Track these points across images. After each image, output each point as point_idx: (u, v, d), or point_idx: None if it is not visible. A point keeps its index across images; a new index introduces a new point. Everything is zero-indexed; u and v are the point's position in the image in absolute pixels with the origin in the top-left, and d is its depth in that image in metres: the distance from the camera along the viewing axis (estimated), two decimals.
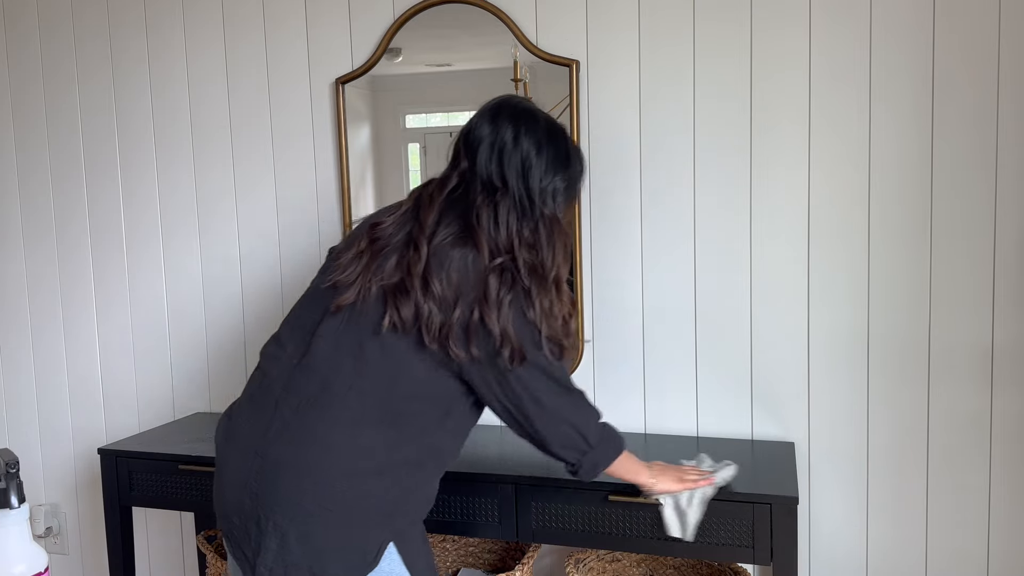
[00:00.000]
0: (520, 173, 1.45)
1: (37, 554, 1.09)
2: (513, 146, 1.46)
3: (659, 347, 2.11)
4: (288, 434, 1.41)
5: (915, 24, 1.89)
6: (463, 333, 1.39)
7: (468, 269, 1.40)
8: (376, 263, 1.43)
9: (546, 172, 1.47)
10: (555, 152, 1.49)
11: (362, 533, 1.39)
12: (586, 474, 1.55)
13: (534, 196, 1.46)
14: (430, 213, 1.44)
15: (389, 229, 1.47)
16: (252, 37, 2.35)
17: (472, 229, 1.42)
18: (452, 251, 1.41)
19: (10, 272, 2.68)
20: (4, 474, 1.08)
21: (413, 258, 1.40)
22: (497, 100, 1.54)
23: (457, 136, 1.54)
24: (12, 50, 2.60)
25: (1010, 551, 1.95)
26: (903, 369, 1.97)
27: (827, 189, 1.97)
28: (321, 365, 1.43)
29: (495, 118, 1.49)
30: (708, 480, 1.70)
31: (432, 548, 2.28)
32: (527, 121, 1.48)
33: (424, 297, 1.38)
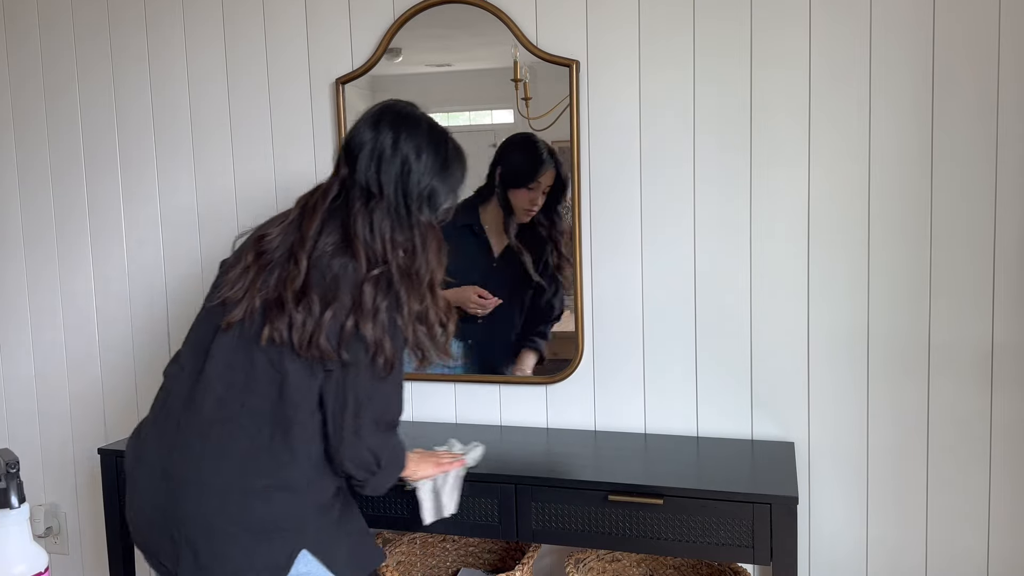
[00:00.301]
0: (398, 179, 1.46)
1: (37, 554, 1.09)
2: (392, 152, 1.46)
3: (659, 347, 2.11)
4: (190, 453, 1.44)
5: (915, 20, 1.89)
6: (336, 339, 1.40)
7: (345, 278, 1.42)
8: (262, 278, 1.45)
9: (424, 176, 1.48)
10: (435, 157, 1.49)
11: (270, 547, 1.42)
12: (370, 491, 1.55)
13: (411, 202, 1.47)
14: (312, 223, 1.46)
15: (275, 242, 1.49)
16: (252, 37, 2.35)
17: (351, 238, 1.44)
18: (332, 261, 1.43)
19: (10, 270, 2.67)
20: (4, 474, 1.08)
21: (292, 272, 1.42)
22: (380, 105, 1.54)
23: (341, 143, 1.55)
24: (12, 49, 2.59)
25: (1010, 550, 1.95)
26: (903, 368, 1.97)
27: (827, 188, 1.97)
28: (215, 383, 1.45)
29: (376, 124, 1.49)
30: (460, 462, 1.77)
31: (432, 548, 2.28)
32: (408, 126, 1.49)
33: (298, 308, 1.40)
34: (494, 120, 2.27)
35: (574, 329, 2.16)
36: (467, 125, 2.31)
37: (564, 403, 2.20)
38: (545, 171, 2.17)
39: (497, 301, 2.23)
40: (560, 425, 2.21)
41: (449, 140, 1.54)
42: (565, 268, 2.17)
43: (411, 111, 1.53)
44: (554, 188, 2.16)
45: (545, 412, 2.22)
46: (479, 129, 2.30)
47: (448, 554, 2.29)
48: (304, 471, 1.46)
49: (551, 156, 2.16)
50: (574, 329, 2.16)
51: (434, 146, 1.50)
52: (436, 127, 1.53)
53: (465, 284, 2.24)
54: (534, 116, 2.14)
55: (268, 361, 1.43)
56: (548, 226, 2.18)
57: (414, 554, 2.26)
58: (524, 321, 2.24)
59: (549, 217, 2.18)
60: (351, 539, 1.55)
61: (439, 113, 2.35)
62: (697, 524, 1.72)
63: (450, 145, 1.54)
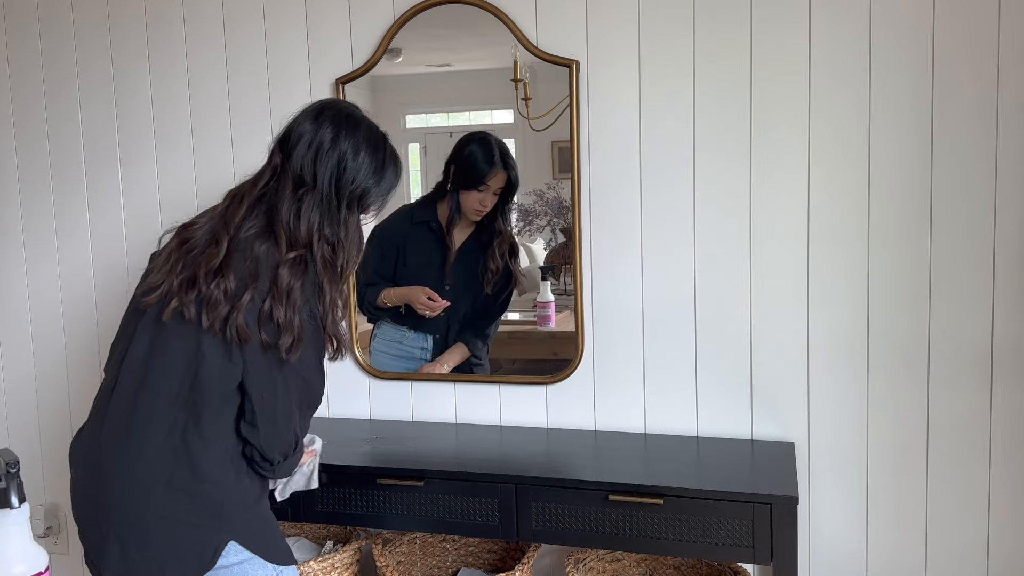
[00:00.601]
0: (333, 173, 1.49)
1: (37, 554, 1.09)
2: (331, 146, 1.50)
3: (659, 346, 2.11)
4: (115, 443, 1.45)
5: (914, 22, 1.89)
6: (253, 321, 1.41)
7: (264, 260, 1.44)
8: (182, 263, 1.46)
9: (359, 175, 1.51)
10: (372, 158, 1.53)
11: (196, 537, 1.43)
12: (281, 475, 1.59)
13: (342, 197, 1.50)
14: (239, 210, 1.48)
15: (200, 230, 1.50)
16: (252, 36, 2.35)
17: (274, 222, 1.46)
18: (253, 243, 1.45)
19: (10, 267, 2.67)
20: (5, 474, 1.08)
21: (211, 252, 1.44)
22: (321, 101, 1.58)
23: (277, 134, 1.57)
24: (12, 48, 2.59)
25: (1010, 549, 1.95)
26: (903, 368, 1.97)
27: (827, 188, 1.97)
28: (137, 371, 1.46)
29: (317, 117, 1.53)
30: (311, 453, 1.78)
31: (432, 548, 2.29)
32: (349, 125, 1.52)
33: (210, 286, 1.41)
34: (494, 120, 2.27)
35: (574, 329, 2.16)
36: (467, 125, 2.31)
37: (564, 403, 2.20)
38: (495, 174, 2.19)
39: (445, 304, 2.26)
40: (560, 425, 2.21)
41: (387, 144, 1.58)
42: (512, 269, 2.22)
43: (353, 111, 1.57)
44: (505, 190, 2.20)
45: (545, 412, 2.22)
46: (479, 129, 2.30)
47: (448, 554, 2.29)
48: (225, 460, 1.47)
49: (503, 159, 2.20)
50: (574, 329, 2.16)
51: (372, 148, 1.54)
52: (376, 130, 1.58)
53: (424, 278, 2.28)
54: (534, 116, 2.15)
55: (184, 346, 1.43)
56: (501, 226, 2.22)
57: (414, 554, 2.26)
58: (474, 316, 2.28)
59: (503, 217, 2.22)
60: (276, 529, 1.57)
61: (439, 113, 2.36)
62: (697, 524, 1.72)
63: (388, 149, 1.58)
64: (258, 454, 1.50)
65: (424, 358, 2.31)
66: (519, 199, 2.23)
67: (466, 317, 2.28)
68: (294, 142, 1.51)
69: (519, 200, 2.24)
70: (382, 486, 1.92)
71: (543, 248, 2.25)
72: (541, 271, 2.25)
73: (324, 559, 2.04)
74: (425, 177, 2.35)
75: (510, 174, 2.19)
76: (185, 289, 1.43)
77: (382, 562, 2.05)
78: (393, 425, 2.29)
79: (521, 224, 2.24)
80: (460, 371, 2.28)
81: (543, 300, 2.25)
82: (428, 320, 2.29)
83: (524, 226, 2.24)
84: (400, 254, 2.32)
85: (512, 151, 2.25)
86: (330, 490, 1.96)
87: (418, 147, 2.34)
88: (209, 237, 1.48)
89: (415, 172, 2.36)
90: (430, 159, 2.33)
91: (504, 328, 2.34)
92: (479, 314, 2.28)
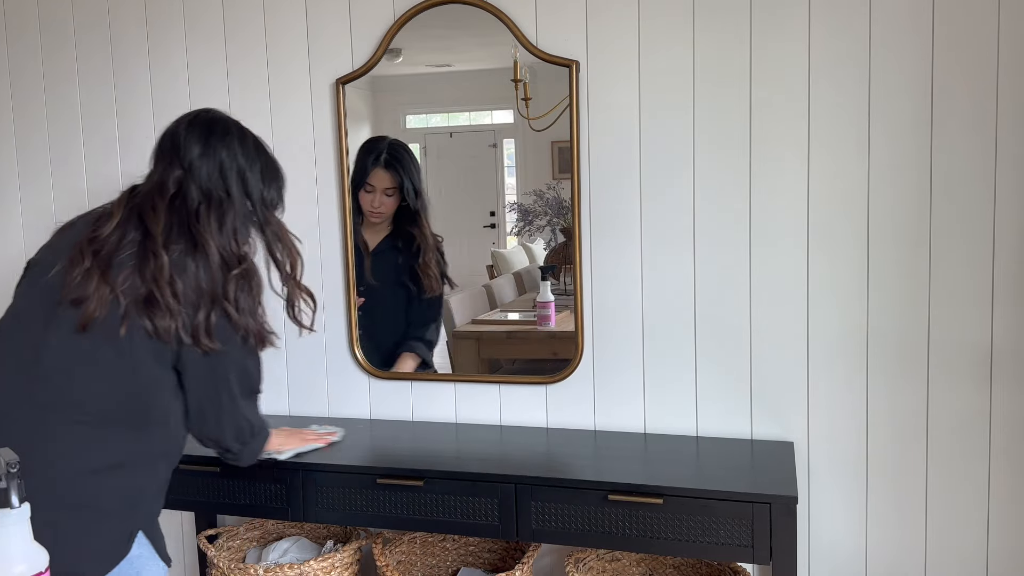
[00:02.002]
0: (240, 185, 1.59)
1: (38, 554, 1.09)
2: (229, 161, 1.58)
3: (659, 346, 2.12)
4: (34, 440, 1.47)
5: (914, 24, 1.88)
6: (207, 330, 1.51)
7: (206, 274, 1.52)
8: (111, 275, 1.49)
9: (260, 182, 1.62)
10: (265, 164, 1.64)
11: (112, 525, 1.50)
12: (246, 461, 1.75)
13: (255, 204, 1.61)
14: (157, 222, 1.52)
15: (113, 240, 1.52)
16: (252, 37, 2.35)
17: (202, 236, 1.53)
18: (187, 259, 1.51)
19: (10, 262, 2.67)
20: (4, 474, 1.08)
21: (155, 269, 1.49)
22: (203, 116, 1.63)
23: (158, 141, 1.63)
24: (11, 43, 2.59)
25: (1009, 549, 1.95)
26: (902, 369, 1.97)
27: (827, 188, 1.97)
28: (56, 375, 1.49)
29: (208, 136, 1.59)
30: (326, 440, 2.06)
31: (432, 548, 2.29)
32: (236, 137, 1.62)
33: (173, 303, 1.48)
34: (494, 120, 2.27)
35: (574, 329, 2.16)
36: (467, 125, 2.32)
37: (564, 403, 2.20)
38: (376, 174, 2.23)
39: (360, 300, 2.32)
40: (560, 425, 2.21)
41: (267, 149, 1.68)
42: (430, 273, 2.26)
43: (230, 120, 1.65)
44: (404, 191, 2.24)
45: (545, 412, 2.22)
46: (479, 129, 2.30)
47: (448, 554, 2.30)
48: (143, 453, 1.55)
49: (389, 159, 2.23)
50: (574, 329, 2.16)
51: (261, 154, 1.65)
52: (257, 138, 1.67)
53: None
54: (534, 116, 2.15)
55: (116, 353, 1.48)
56: (414, 229, 2.28)
57: (414, 554, 2.27)
58: (407, 324, 2.32)
59: (413, 220, 2.27)
60: (159, 524, 1.66)
61: (439, 113, 2.36)
62: (697, 524, 1.73)
63: (269, 154, 1.68)
64: (214, 445, 1.68)
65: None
66: (519, 199, 2.24)
67: (397, 321, 2.32)
68: (185, 154, 1.56)
69: (519, 200, 2.24)
70: (382, 486, 1.92)
71: (543, 248, 2.25)
72: (541, 271, 2.25)
73: (324, 559, 2.04)
74: (425, 177, 2.35)
75: (394, 174, 2.24)
76: (150, 309, 1.48)
77: (382, 562, 2.05)
78: (393, 425, 2.29)
79: (521, 224, 2.25)
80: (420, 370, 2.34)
81: (543, 300, 2.25)
82: (368, 328, 2.33)
83: (524, 226, 2.25)
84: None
85: (512, 151, 2.26)
86: (330, 490, 1.96)
87: (418, 147, 2.34)
88: (139, 250, 1.50)
89: None
90: (430, 159, 2.34)
91: (504, 328, 2.34)
92: (414, 320, 2.32)
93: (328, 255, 2.34)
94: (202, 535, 2.21)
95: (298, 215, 2.37)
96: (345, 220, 2.30)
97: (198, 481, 2.04)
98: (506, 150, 2.29)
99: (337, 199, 2.31)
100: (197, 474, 2.03)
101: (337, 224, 2.32)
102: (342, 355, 2.36)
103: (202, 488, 2.05)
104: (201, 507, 2.07)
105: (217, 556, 2.13)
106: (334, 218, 2.32)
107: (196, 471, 2.02)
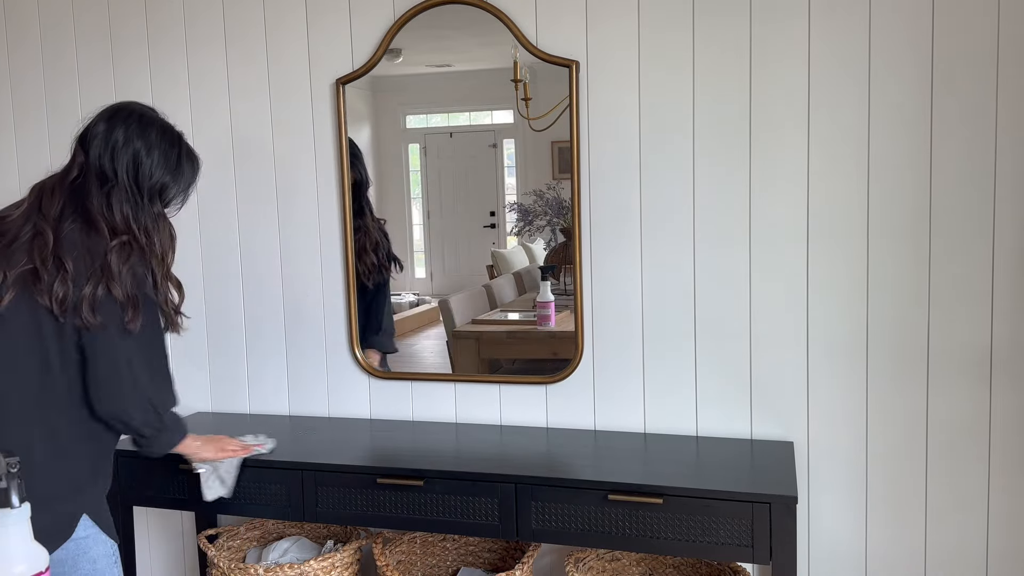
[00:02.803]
0: (130, 169, 1.62)
1: (38, 553, 1.09)
2: (124, 144, 1.62)
3: (659, 346, 2.12)
4: None
5: (914, 22, 1.89)
6: (91, 304, 1.53)
7: (93, 249, 1.55)
8: (4, 256, 1.55)
9: (155, 171, 1.64)
10: (166, 155, 1.66)
11: (56, 508, 1.52)
12: (157, 451, 1.75)
13: (143, 190, 1.63)
14: (53, 203, 1.58)
15: (16, 223, 1.59)
16: (253, 37, 2.36)
17: (91, 214, 1.58)
18: (78, 235, 1.56)
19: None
20: (5, 474, 1.08)
21: (39, 244, 1.54)
22: (116, 104, 1.69)
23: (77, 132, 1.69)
24: (12, 43, 2.60)
25: (1009, 549, 1.95)
26: (902, 369, 1.97)
27: (826, 188, 1.97)
28: None
29: (111, 119, 1.64)
30: (247, 450, 2.00)
31: (432, 548, 2.29)
32: (141, 124, 1.64)
33: (57, 278, 1.52)
34: (494, 120, 2.27)
35: (574, 329, 2.16)
36: (467, 125, 2.32)
37: (564, 403, 2.20)
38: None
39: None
40: (560, 425, 2.21)
41: (182, 143, 1.70)
42: (371, 261, 2.33)
43: (146, 111, 1.68)
44: (360, 189, 2.30)
45: (545, 412, 2.22)
46: (479, 129, 2.30)
47: (448, 553, 2.30)
48: (76, 436, 1.58)
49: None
50: (574, 329, 2.16)
51: (166, 145, 1.66)
52: (170, 129, 1.69)
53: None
54: (534, 116, 2.15)
55: (27, 333, 1.53)
56: (361, 221, 2.32)
57: (414, 553, 2.27)
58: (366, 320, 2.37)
59: (364, 211, 2.32)
60: (108, 505, 1.69)
61: (439, 113, 2.36)
62: (697, 524, 1.73)
63: (183, 147, 1.70)
64: (123, 428, 1.65)
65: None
66: (519, 199, 2.24)
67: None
68: (91, 141, 1.62)
69: (519, 200, 2.24)
70: (382, 486, 1.92)
71: (543, 248, 2.25)
72: (541, 271, 2.25)
73: (324, 558, 2.04)
74: (425, 177, 2.35)
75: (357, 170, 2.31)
76: (32, 282, 1.52)
77: (382, 561, 2.05)
78: (393, 425, 2.29)
79: (521, 224, 2.25)
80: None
81: (543, 300, 2.25)
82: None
83: (524, 226, 2.25)
84: None
85: (512, 151, 2.26)
86: (330, 490, 1.96)
87: (418, 147, 2.34)
88: (31, 230, 1.56)
89: (415, 172, 2.37)
90: (430, 159, 2.34)
91: (504, 328, 2.34)
92: (367, 310, 2.36)
93: (328, 255, 2.34)
94: (202, 535, 2.21)
95: (298, 215, 2.37)
96: (345, 220, 2.30)
97: (198, 481, 2.04)
98: (506, 150, 2.29)
99: (337, 199, 2.31)
100: (197, 474, 2.03)
101: (337, 224, 2.32)
102: (342, 355, 2.37)
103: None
104: (201, 507, 2.07)
105: (217, 556, 2.13)
106: (334, 218, 2.32)
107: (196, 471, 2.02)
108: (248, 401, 2.47)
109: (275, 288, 2.41)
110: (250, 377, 2.47)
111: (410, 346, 2.41)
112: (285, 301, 2.40)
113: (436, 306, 2.40)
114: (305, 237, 2.37)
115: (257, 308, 2.44)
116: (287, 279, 2.40)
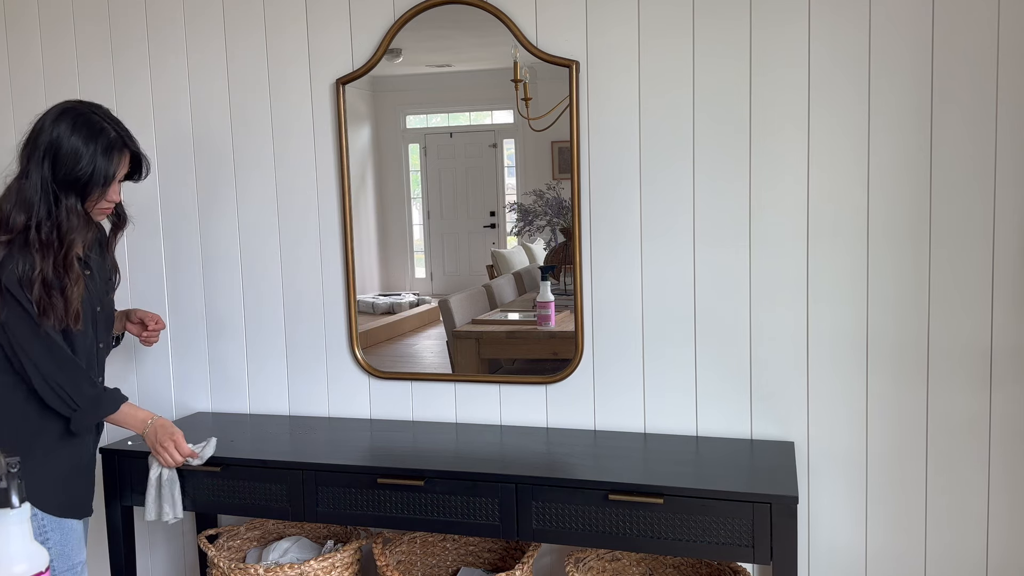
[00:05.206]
0: (47, 158, 1.68)
1: (38, 553, 1.09)
2: (44, 134, 1.70)
3: (659, 346, 2.12)
4: None
5: (914, 22, 1.89)
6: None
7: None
8: None
9: (68, 166, 1.69)
10: (75, 148, 1.69)
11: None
12: (76, 429, 1.80)
13: (57, 186, 1.69)
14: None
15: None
16: (253, 37, 2.36)
17: (2, 207, 1.68)
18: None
19: None
20: (5, 474, 1.08)
21: None
22: (60, 103, 1.77)
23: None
24: (12, 40, 2.60)
25: (1009, 549, 1.95)
26: (902, 369, 1.97)
27: (827, 188, 1.97)
28: None
29: (44, 115, 1.73)
30: (176, 462, 1.95)
31: (432, 548, 2.29)
32: (66, 119, 1.70)
33: None
34: (494, 120, 2.27)
35: (574, 329, 2.16)
36: (467, 125, 2.32)
37: (564, 403, 2.20)
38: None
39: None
40: (560, 425, 2.21)
41: (107, 137, 1.73)
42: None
43: (76, 107, 1.74)
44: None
45: (545, 412, 2.22)
46: (479, 129, 2.30)
47: (448, 553, 2.30)
48: (19, 428, 1.72)
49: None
50: (574, 329, 2.16)
51: (82, 141, 1.70)
52: (94, 125, 1.72)
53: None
54: (534, 116, 2.15)
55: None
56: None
57: (414, 553, 2.27)
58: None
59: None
60: (61, 481, 1.77)
61: (439, 113, 2.36)
62: (697, 524, 1.73)
63: (107, 142, 1.73)
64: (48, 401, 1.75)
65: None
66: (519, 199, 2.23)
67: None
68: (26, 135, 1.73)
69: (519, 200, 2.24)
70: (382, 486, 1.92)
71: (543, 248, 2.25)
72: (541, 271, 2.25)
73: (324, 558, 2.04)
74: (425, 177, 2.35)
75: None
76: None
77: (382, 561, 2.05)
78: (393, 425, 2.29)
79: (521, 224, 2.25)
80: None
81: (543, 300, 2.25)
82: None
83: (524, 226, 2.25)
84: None
85: (512, 151, 2.26)
86: (330, 490, 1.96)
87: (418, 147, 2.34)
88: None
89: (415, 172, 2.37)
90: (430, 159, 2.34)
91: (504, 328, 2.34)
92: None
93: (328, 255, 2.34)
94: (202, 535, 2.21)
95: (298, 215, 2.37)
96: (345, 220, 2.30)
97: (198, 481, 2.04)
98: (506, 150, 2.29)
99: (337, 199, 2.31)
100: (196, 474, 2.03)
101: (337, 224, 2.32)
102: (342, 355, 2.37)
103: (202, 488, 2.05)
104: (201, 507, 2.07)
105: (217, 556, 2.13)
106: (334, 218, 2.32)
107: (195, 471, 2.03)
108: (248, 401, 2.47)
109: (275, 288, 2.41)
110: (250, 377, 2.47)
111: (410, 346, 2.41)
112: (285, 301, 2.40)
113: (436, 306, 2.40)
114: (305, 237, 2.37)
115: (257, 308, 2.44)
116: (287, 279, 2.40)
